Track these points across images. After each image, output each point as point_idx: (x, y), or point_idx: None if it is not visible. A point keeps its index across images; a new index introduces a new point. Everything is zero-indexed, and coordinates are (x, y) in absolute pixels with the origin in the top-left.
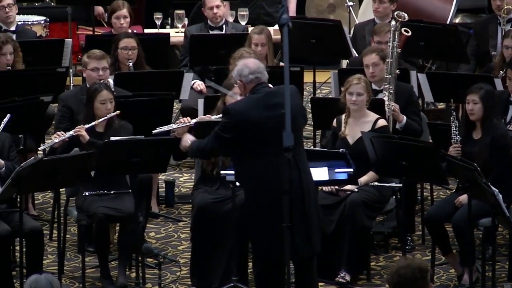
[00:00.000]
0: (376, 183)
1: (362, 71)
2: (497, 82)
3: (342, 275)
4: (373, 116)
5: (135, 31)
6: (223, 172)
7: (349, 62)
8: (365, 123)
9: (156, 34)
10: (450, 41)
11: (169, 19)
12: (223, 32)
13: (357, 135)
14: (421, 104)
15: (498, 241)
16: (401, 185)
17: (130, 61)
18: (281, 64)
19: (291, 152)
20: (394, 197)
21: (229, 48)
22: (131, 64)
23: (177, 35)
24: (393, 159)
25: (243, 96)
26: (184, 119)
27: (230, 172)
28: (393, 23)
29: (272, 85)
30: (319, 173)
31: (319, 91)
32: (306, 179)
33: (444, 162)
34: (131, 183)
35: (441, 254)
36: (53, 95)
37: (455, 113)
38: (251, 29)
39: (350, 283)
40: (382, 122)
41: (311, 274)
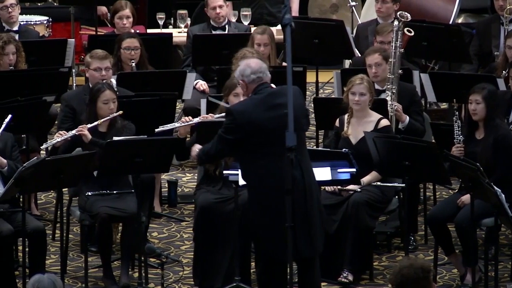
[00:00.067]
0: (378, 183)
1: (364, 71)
2: (500, 82)
3: (344, 275)
4: (376, 116)
5: (137, 31)
6: (225, 172)
7: (351, 62)
8: (367, 123)
9: (158, 34)
10: (452, 41)
11: (172, 19)
12: (226, 32)
13: (360, 135)
14: (423, 104)
15: (500, 241)
16: (403, 185)
17: (132, 61)
18: (284, 64)
19: (294, 152)
20: (396, 197)
21: (232, 48)
22: (133, 64)
23: (179, 35)
24: (396, 159)
25: (246, 96)
26: (186, 118)
27: (233, 172)
28: (396, 23)
29: (274, 85)
30: (321, 173)
31: (322, 91)
32: (308, 179)
33: (447, 162)
34: (134, 183)
35: (443, 254)
36: (56, 95)
37: (457, 113)
38: (253, 29)
39: (352, 283)
40: (384, 122)
41: (314, 274)
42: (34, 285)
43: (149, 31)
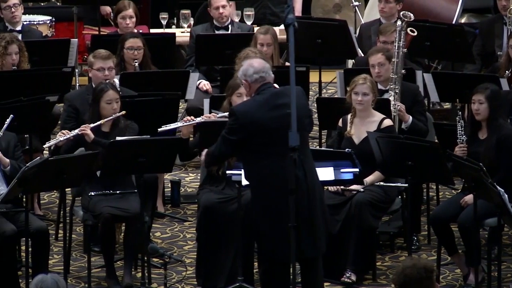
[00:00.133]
0: (382, 183)
1: (368, 71)
2: (503, 82)
3: (348, 275)
4: (379, 116)
5: (141, 31)
6: (228, 172)
7: (354, 62)
8: (370, 123)
9: (162, 34)
10: (455, 41)
11: (175, 19)
12: (229, 32)
13: (363, 135)
14: (427, 104)
15: (504, 241)
16: (407, 185)
17: (136, 61)
18: (287, 64)
19: (297, 152)
20: (400, 197)
21: (235, 48)
22: (137, 64)
23: (183, 35)
24: (399, 159)
25: (249, 96)
26: (188, 118)
27: (236, 172)
28: (399, 23)
29: (278, 85)
30: (325, 173)
31: (325, 91)
32: (311, 180)
33: (450, 162)
34: (137, 183)
35: (446, 254)
36: (59, 95)
37: (460, 113)
38: (256, 29)
39: (355, 283)
40: (387, 122)
41: (317, 274)
42: (37, 285)
43: (152, 31)
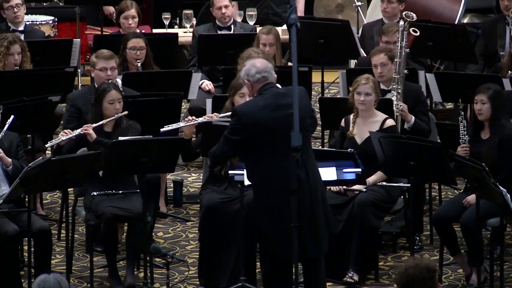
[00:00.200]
0: (384, 183)
1: (370, 71)
2: (505, 82)
3: (350, 275)
4: (381, 116)
5: (143, 31)
6: (231, 172)
7: (357, 62)
8: (373, 123)
9: (164, 34)
10: (458, 41)
11: (178, 19)
12: (231, 32)
13: (365, 135)
14: (429, 104)
15: (506, 241)
16: (409, 185)
17: (138, 61)
18: (289, 64)
19: (299, 152)
20: (402, 197)
21: (237, 48)
22: (139, 64)
23: (185, 35)
24: (401, 159)
25: (251, 96)
26: (190, 118)
27: (238, 172)
28: (402, 23)
29: (280, 85)
30: (327, 173)
31: (327, 91)
32: (313, 180)
33: (452, 162)
34: (139, 183)
35: (449, 254)
36: (62, 95)
37: (463, 113)
38: (259, 29)
39: (358, 283)
40: (390, 122)
41: (319, 274)
42: (39, 285)
43: (155, 31)
